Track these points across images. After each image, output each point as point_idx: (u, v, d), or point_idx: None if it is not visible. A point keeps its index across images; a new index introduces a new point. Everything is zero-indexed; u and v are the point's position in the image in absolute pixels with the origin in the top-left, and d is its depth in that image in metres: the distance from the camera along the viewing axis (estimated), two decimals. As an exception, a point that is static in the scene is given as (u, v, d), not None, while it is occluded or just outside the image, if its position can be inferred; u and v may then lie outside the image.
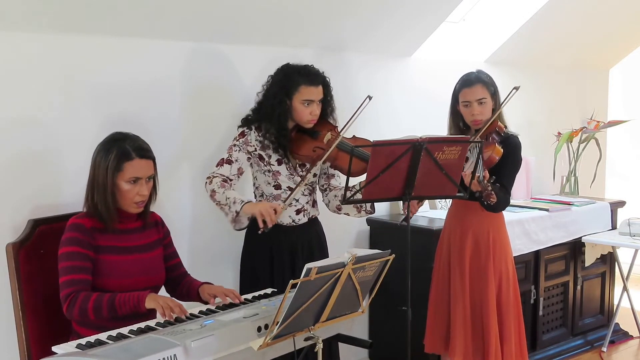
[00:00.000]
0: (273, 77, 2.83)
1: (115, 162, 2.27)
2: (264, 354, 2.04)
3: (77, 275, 2.22)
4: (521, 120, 4.65)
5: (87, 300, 2.18)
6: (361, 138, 2.87)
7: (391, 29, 3.66)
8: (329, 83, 2.84)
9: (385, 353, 3.73)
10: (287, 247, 2.86)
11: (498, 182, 2.85)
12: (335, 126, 2.87)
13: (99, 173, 2.29)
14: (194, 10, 2.88)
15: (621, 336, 4.48)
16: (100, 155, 2.31)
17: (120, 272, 2.31)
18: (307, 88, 2.74)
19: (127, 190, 2.30)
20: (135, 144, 2.32)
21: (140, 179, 2.31)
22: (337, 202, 2.90)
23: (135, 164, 2.29)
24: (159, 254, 2.47)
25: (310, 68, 2.80)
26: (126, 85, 2.85)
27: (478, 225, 3.06)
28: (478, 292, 3.05)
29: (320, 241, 2.98)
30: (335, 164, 2.83)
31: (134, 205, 2.34)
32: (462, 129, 3.10)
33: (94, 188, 2.31)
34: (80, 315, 2.19)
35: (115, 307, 2.17)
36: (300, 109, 2.75)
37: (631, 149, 5.98)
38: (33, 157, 2.62)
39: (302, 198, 2.87)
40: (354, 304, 2.19)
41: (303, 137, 2.82)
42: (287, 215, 2.84)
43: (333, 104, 2.88)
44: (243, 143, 2.79)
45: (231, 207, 2.65)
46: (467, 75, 3.06)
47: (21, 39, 2.57)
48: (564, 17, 4.40)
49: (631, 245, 4.08)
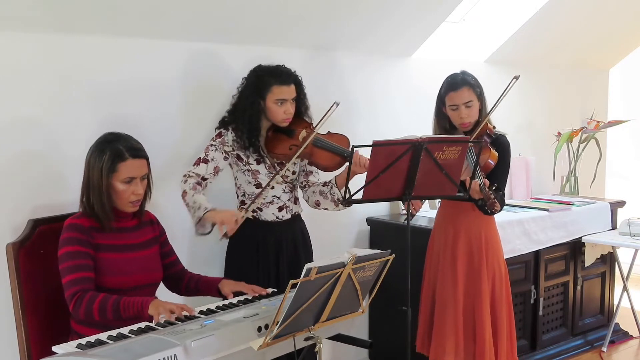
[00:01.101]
0: (246, 79, 2.87)
1: (110, 163, 2.29)
2: (264, 354, 2.04)
3: (81, 274, 2.24)
4: (521, 120, 4.66)
5: (93, 302, 2.19)
6: (337, 134, 2.91)
7: (391, 28, 3.66)
8: (301, 81, 2.88)
9: (385, 353, 3.73)
10: (272, 243, 2.89)
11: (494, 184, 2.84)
12: (310, 123, 2.91)
13: (94, 174, 2.31)
14: (194, 11, 2.89)
15: (621, 336, 4.48)
16: (94, 156, 2.32)
17: (118, 269, 2.33)
18: (279, 88, 2.77)
19: (123, 190, 2.32)
20: (128, 144, 2.34)
21: (134, 178, 2.33)
22: (315, 198, 2.95)
23: (129, 164, 2.31)
24: (155, 252, 2.49)
25: (282, 68, 2.83)
26: (126, 85, 2.86)
27: (470, 226, 3.06)
28: (472, 292, 3.04)
29: (304, 237, 3.02)
30: (312, 160, 2.88)
31: (130, 205, 2.36)
32: (448, 130, 3.10)
33: (89, 189, 2.32)
34: (85, 315, 2.20)
35: (120, 311, 2.19)
36: (274, 108, 2.79)
37: (631, 149, 5.98)
38: (33, 157, 2.63)
39: (283, 195, 2.91)
40: (354, 304, 2.19)
41: (279, 135, 2.86)
42: (270, 213, 2.88)
43: (307, 102, 2.92)
44: (220, 143, 2.84)
45: (195, 212, 2.69)
46: (453, 78, 3.02)
47: (21, 39, 2.57)
48: (564, 17, 4.40)
49: (631, 245, 4.08)
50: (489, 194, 2.68)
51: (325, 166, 2.85)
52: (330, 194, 2.88)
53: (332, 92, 3.05)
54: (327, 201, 2.91)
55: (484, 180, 2.75)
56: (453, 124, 3.06)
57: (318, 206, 2.96)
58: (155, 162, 2.94)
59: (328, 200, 2.90)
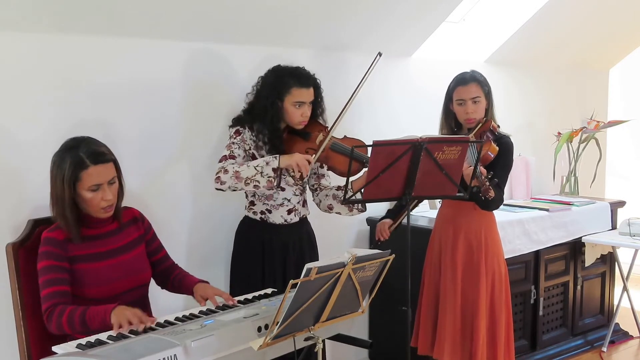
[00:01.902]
0: (264, 78, 2.85)
1: (70, 172, 2.20)
2: (264, 354, 2.04)
3: (54, 288, 2.19)
4: (521, 120, 4.66)
5: (62, 315, 2.14)
6: (352, 138, 2.89)
7: (391, 29, 3.66)
8: (320, 85, 2.87)
9: (385, 353, 3.73)
10: (279, 246, 2.88)
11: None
12: (325, 127, 2.89)
13: (57, 185, 2.24)
14: (194, 11, 2.88)
15: (621, 336, 4.48)
16: (55, 166, 2.24)
17: (98, 279, 2.27)
18: (298, 90, 2.76)
19: (91, 198, 2.24)
20: (89, 149, 2.23)
21: (100, 184, 2.24)
22: (328, 202, 2.92)
23: (92, 171, 2.21)
24: (141, 252, 2.44)
25: (302, 70, 2.82)
26: (126, 86, 2.85)
27: (470, 225, 3.06)
28: (470, 292, 3.04)
29: (310, 240, 3.01)
30: (329, 164, 2.85)
31: (102, 211, 2.29)
32: (454, 129, 3.11)
33: (55, 200, 2.26)
34: (57, 329, 2.16)
35: (87, 323, 2.13)
36: (292, 110, 2.77)
37: (631, 149, 5.98)
38: (33, 157, 2.62)
39: (293, 198, 2.89)
40: (354, 304, 2.19)
41: (295, 138, 2.84)
42: (279, 215, 2.87)
43: (323, 105, 2.91)
44: (240, 140, 2.80)
45: (265, 169, 2.62)
46: (462, 75, 3.08)
47: (21, 39, 2.56)
48: (564, 17, 4.40)
49: (631, 245, 4.08)
50: (485, 181, 2.68)
51: (342, 171, 2.79)
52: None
53: (332, 92, 3.04)
54: (341, 206, 2.88)
55: (482, 169, 2.75)
56: (459, 123, 3.07)
57: (331, 210, 2.93)
58: (155, 162, 2.96)
59: (343, 205, 2.86)
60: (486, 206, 2.97)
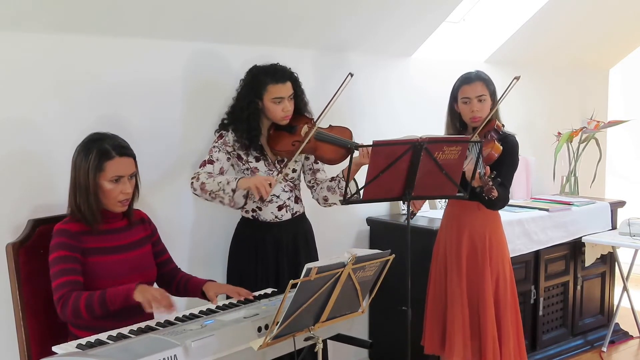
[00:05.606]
0: (243, 80, 2.88)
1: (96, 162, 2.26)
2: (264, 354, 2.04)
3: (68, 277, 2.22)
4: (521, 120, 4.65)
5: (79, 299, 2.17)
6: (338, 126, 2.91)
7: (391, 28, 3.66)
8: (297, 78, 2.88)
9: (385, 353, 3.73)
10: (272, 244, 2.89)
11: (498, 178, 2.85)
12: (311, 119, 2.91)
13: (80, 175, 2.29)
14: (195, 11, 2.89)
15: (621, 336, 4.48)
16: (80, 156, 2.30)
17: (109, 272, 2.31)
18: (274, 86, 2.77)
19: (110, 190, 2.30)
20: (114, 142, 2.31)
21: (122, 177, 2.30)
22: (323, 194, 2.95)
23: (116, 162, 2.29)
24: (148, 251, 2.47)
25: (277, 66, 2.83)
26: (126, 86, 2.85)
27: (475, 225, 3.06)
28: (475, 292, 3.05)
29: (305, 238, 3.01)
30: (316, 154, 2.88)
31: (119, 204, 2.34)
32: (459, 129, 3.11)
33: (77, 191, 2.30)
34: (73, 315, 2.18)
35: (107, 303, 2.16)
36: (272, 107, 2.79)
37: (631, 149, 5.98)
38: (33, 157, 2.62)
39: (282, 194, 2.90)
40: (354, 304, 2.19)
41: (281, 133, 2.87)
42: (269, 212, 2.88)
43: (305, 98, 2.93)
44: (222, 144, 2.84)
45: (225, 189, 2.67)
46: (467, 74, 3.09)
47: (21, 39, 2.56)
48: (564, 17, 4.40)
49: (631, 245, 4.08)
50: (488, 181, 2.68)
51: (329, 159, 2.85)
52: (339, 188, 2.88)
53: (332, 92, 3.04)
54: (335, 196, 2.91)
55: (486, 168, 2.75)
56: (464, 123, 3.07)
57: (326, 202, 2.96)
58: (156, 163, 2.96)
59: (336, 194, 2.90)
60: (491, 205, 2.97)
